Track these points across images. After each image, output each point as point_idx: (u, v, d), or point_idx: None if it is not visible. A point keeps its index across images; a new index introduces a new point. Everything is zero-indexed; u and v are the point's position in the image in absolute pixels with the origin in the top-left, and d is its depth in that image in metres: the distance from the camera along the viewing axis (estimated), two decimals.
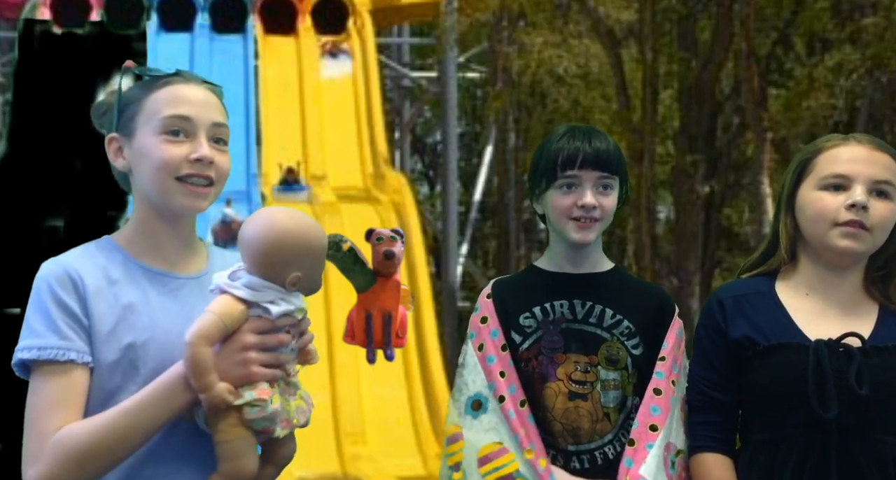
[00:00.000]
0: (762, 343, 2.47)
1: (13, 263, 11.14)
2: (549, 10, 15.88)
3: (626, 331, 2.58)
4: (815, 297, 2.51)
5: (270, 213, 2.18)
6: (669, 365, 2.58)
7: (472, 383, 2.58)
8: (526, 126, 17.74)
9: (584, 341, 2.57)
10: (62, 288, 2.14)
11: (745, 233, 19.93)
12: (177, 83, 2.24)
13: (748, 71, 12.86)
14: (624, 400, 2.57)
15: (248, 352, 2.09)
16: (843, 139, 2.53)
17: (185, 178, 2.19)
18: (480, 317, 2.63)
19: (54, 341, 2.12)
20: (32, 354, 2.12)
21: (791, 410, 2.42)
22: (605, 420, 2.56)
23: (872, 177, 2.45)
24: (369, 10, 15.46)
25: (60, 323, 2.13)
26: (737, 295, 2.56)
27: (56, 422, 2.09)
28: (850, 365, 2.39)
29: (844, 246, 2.44)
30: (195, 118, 2.20)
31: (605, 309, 2.59)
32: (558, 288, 2.62)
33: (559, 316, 2.59)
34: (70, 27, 14.38)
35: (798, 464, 2.40)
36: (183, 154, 2.18)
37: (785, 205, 2.55)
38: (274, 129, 13.91)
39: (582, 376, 2.56)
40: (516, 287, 2.68)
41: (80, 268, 2.16)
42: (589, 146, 2.58)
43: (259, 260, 2.11)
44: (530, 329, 2.60)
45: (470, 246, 19.94)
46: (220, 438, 2.07)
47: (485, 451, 2.51)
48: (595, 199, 2.57)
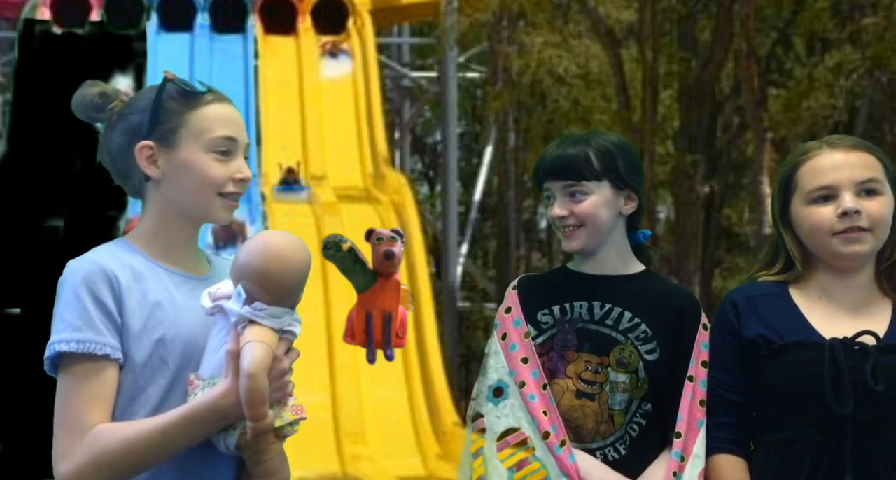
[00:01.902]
0: (777, 341, 2.48)
1: (13, 263, 11.15)
2: (549, 10, 15.87)
3: (643, 336, 2.58)
4: (828, 300, 2.53)
5: (278, 244, 2.25)
6: (695, 386, 2.57)
7: (495, 371, 2.60)
8: (526, 126, 17.72)
9: (598, 342, 2.58)
10: (99, 284, 2.20)
11: (745, 233, 19.93)
12: (223, 102, 2.36)
13: (748, 71, 12.86)
14: (630, 403, 2.57)
15: (286, 376, 2.20)
16: (818, 148, 2.55)
17: (227, 195, 2.31)
18: (505, 308, 2.66)
19: (91, 335, 2.17)
20: (71, 347, 2.17)
21: (806, 408, 2.43)
22: (609, 421, 2.56)
23: (856, 180, 2.47)
24: (369, 10, 15.45)
25: (96, 318, 2.18)
26: (750, 296, 2.57)
27: (92, 419, 2.16)
28: (865, 362, 2.41)
29: (849, 251, 2.47)
30: (239, 139, 2.35)
31: (623, 312, 2.60)
32: (579, 288, 2.64)
33: (577, 315, 2.61)
34: (70, 27, 14.37)
35: (813, 463, 2.41)
36: (230, 173, 2.31)
37: (781, 223, 2.57)
38: (274, 129, 13.90)
39: (592, 376, 2.57)
40: (541, 284, 2.71)
41: (113, 266, 2.23)
42: (551, 156, 2.63)
43: (275, 289, 2.20)
44: (546, 325, 2.62)
45: (470, 246, 19.94)
46: (263, 458, 2.18)
47: (503, 436, 2.54)
48: (565, 209, 2.59)
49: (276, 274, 2.20)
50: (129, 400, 2.20)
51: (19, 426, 8.81)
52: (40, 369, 2.23)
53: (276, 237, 2.28)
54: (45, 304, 2.35)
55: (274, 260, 2.20)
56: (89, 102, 2.38)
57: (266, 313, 2.17)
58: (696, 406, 2.55)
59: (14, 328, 10.23)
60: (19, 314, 10.44)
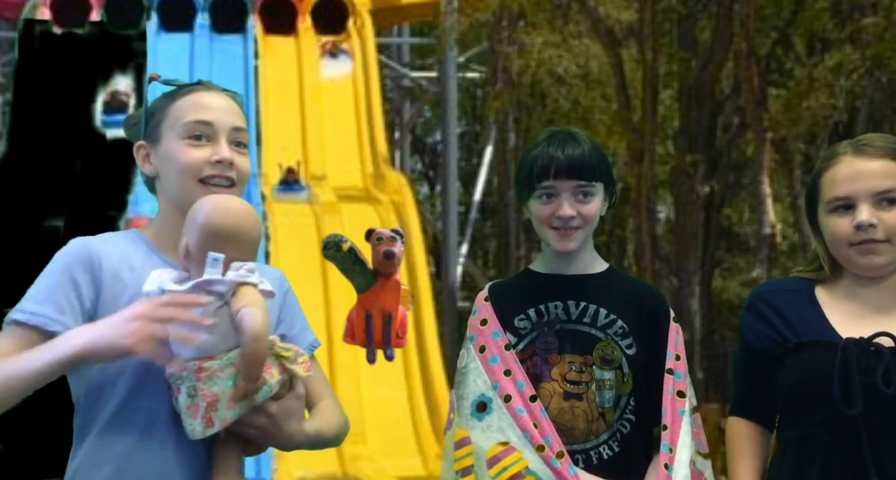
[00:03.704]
0: (793, 339, 2.49)
1: (13, 263, 11.14)
2: (549, 10, 15.87)
3: (620, 331, 2.58)
4: (853, 300, 2.52)
5: (231, 202, 2.23)
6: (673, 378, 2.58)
7: (475, 386, 2.57)
8: (526, 126, 17.72)
9: (579, 341, 2.57)
10: (78, 264, 2.20)
11: (745, 233, 19.93)
12: (199, 91, 2.35)
13: (748, 71, 12.85)
14: (618, 399, 2.56)
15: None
16: (842, 153, 2.52)
17: (207, 180, 2.28)
18: (480, 320, 2.63)
19: (49, 311, 2.17)
20: (23, 317, 2.17)
21: (818, 407, 2.43)
22: (600, 419, 2.56)
23: (873, 190, 2.46)
24: (369, 10, 15.44)
25: (62, 296, 2.18)
26: (773, 290, 2.60)
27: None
28: (878, 363, 2.40)
29: (865, 263, 2.47)
30: (216, 123, 2.31)
31: (598, 309, 2.59)
32: (552, 289, 2.62)
33: (553, 317, 2.59)
34: (70, 27, 14.35)
35: (825, 461, 2.41)
36: (205, 157, 2.28)
37: (812, 228, 2.59)
38: (274, 129, 13.89)
39: (577, 376, 2.56)
40: (511, 289, 2.68)
41: (103, 252, 2.23)
42: (562, 154, 2.58)
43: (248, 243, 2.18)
44: (525, 330, 2.60)
45: (470, 246, 19.93)
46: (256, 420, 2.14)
47: (492, 452, 2.51)
48: (573, 209, 2.57)
49: (250, 227, 2.19)
50: (98, 388, 2.18)
51: (19, 426, 8.82)
52: None
53: (223, 198, 2.24)
54: None
55: (242, 215, 2.19)
56: (129, 122, 2.44)
57: (246, 270, 2.14)
58: (676, 398, 2.56)
59: None
60: None
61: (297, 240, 11.84)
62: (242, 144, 2.35)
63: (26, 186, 12.33)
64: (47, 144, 12.71)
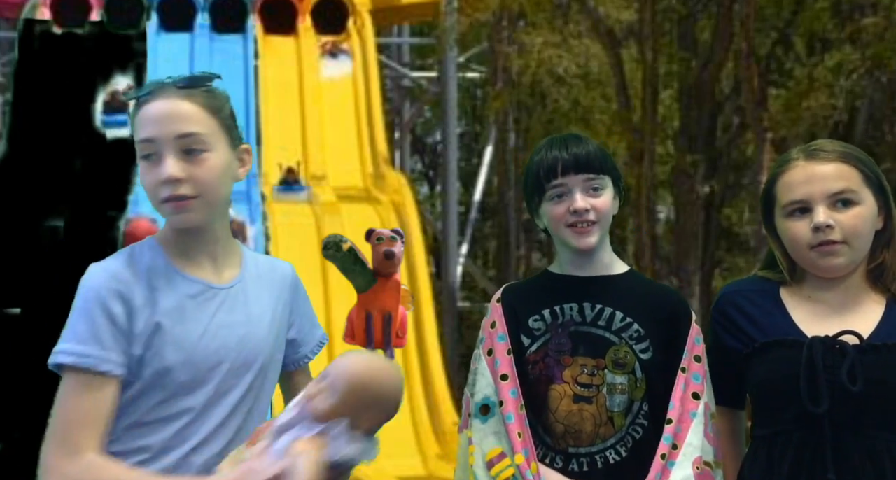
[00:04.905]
0: (759, 339, 2.52)
1: (13, 263, 11.14)
2: (549, 10, 15.86)
3: (636, 335, 2.57)
4: (817, 300, 2.55)
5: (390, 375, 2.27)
6: (688, 377, 2.57)
7: (481, 387, 2.58)
8: (526, 126, 17.71)
9: (592, 344, 2.56)
10: (112, 297, 2.16)
11: (745, 233, 19.91)
12: (150, 102, 2.23)
13: (748, 71, 12.84)
14: (630, 404, 2.55)
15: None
16: (794, 159, 2.56)
17: (168, 200, 2.20)
18: (490, 322, 2.63)
19: (95, 350, 2.14)
20: (71, 360, 2.14)
21: (786, 406, 2.46)
22: (608, 424, 2.55)
23: (828, 192, 2.49)
24: (369, 10, 15.44)
25: (105, 332, 2.14)
26: (739, 291, 2.62)
27: (84, 441, 2.11)
28: (843, 361, 2.42)
29: (825, 265, 2.50)
30: (157, 137, 2.20)
31: (614, 313, 2.58)
32: (568, 290, 2.61)
33: (568, 318, 2.59)
34: (70, 27, 14.35)
35: (795, 459, 2.44)
36: (157, 178, 2.19)
37: (769, 233, 2.61)
38: (274, 129, 13.89)
39: (588, 379, 2.55)
40: (526, 290, 2.68)
41: (130, 279, 2.18)
42: (566, 152, 2.58)
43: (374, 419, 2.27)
44: (539, 331, 2.59)
45: (470, 246, 19.92)
46: None
47: (490, 455, 2.52)
48: (586, 202, 2.56)
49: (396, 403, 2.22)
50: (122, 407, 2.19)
51: (20, 426, 8.82)
52: (41, 369, 2.23)
53: (382, 372, 2.27)
54: (45, 304, 2.35)
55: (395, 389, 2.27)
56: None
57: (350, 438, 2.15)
58: (689, 398, 2.55)
59: (14, 328, 10.25)
60: (19, 314, 10.46)
61: (297, 240, 11.84)
62: (197, 150, 2.20)
63: (26, 186, 12.32)
64: (47, 144, 12.71)
